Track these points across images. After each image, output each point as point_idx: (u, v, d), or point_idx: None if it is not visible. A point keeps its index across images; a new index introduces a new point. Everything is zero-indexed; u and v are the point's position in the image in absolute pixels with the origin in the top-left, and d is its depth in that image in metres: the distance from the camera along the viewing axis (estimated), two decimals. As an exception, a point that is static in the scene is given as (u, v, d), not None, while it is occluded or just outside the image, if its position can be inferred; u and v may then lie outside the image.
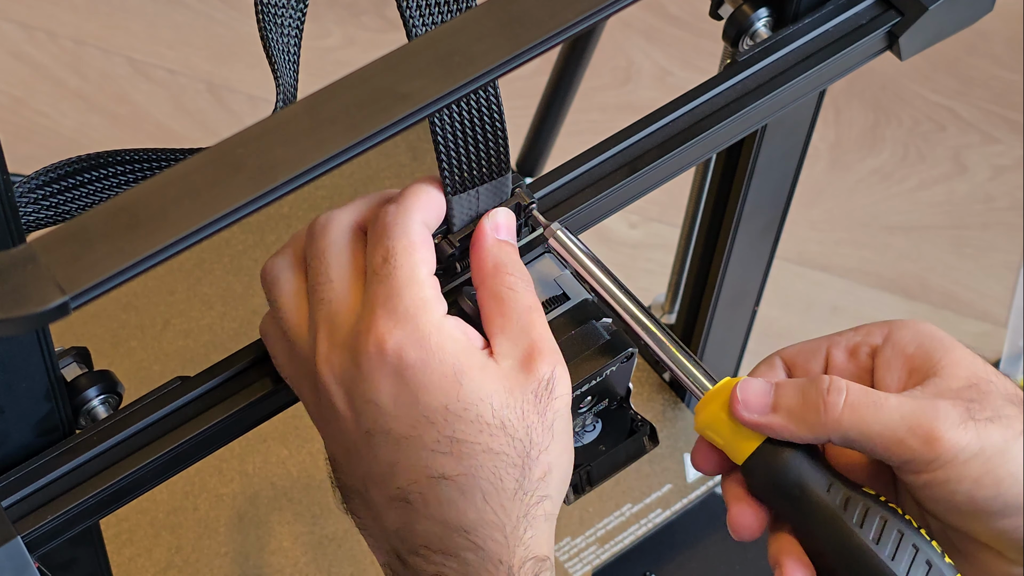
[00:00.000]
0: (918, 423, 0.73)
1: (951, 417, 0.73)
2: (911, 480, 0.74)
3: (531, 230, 0.80)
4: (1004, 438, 0.74)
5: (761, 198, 1.04)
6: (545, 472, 0.74)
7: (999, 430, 0.74)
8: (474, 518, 0.72)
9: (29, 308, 0.58)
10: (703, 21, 1.79)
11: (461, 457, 0.72)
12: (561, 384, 0.74)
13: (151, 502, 1.17)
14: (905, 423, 0.74)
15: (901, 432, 0.73)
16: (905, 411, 0.74)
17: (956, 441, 0.73)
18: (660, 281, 1.30)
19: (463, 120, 0.75)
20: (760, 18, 0.89)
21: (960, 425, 0.73)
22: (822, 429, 0.74)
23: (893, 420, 0.74)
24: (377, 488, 0.74)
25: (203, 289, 1.27)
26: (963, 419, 0.74)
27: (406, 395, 0.72)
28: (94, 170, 0.79)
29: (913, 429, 0.73)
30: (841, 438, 0.74)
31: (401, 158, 1.35)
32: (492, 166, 0.77)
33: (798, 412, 0.75)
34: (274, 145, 0.63)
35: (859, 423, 0.74)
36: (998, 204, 1.72)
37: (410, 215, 0.74)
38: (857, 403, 0.74)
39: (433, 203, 0.76)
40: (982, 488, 0.73)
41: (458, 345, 0.72)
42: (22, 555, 0.73)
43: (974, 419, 0.74)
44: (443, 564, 0.73)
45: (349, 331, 0.73)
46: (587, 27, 0.66)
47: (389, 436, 0.73)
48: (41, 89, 1.75)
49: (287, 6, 0.77)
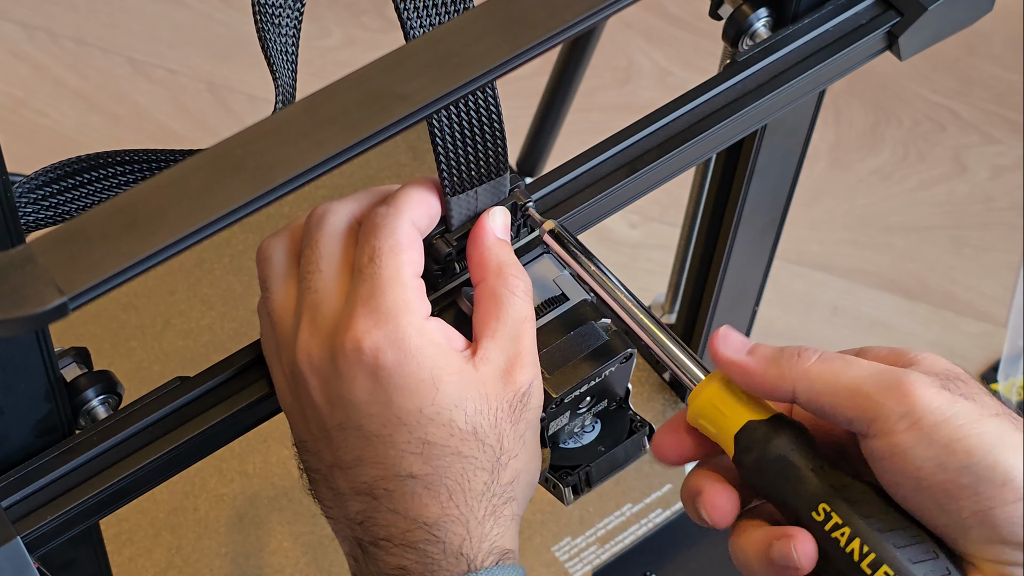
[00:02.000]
0: (888, 377, 0.71)
1: (923, 379, 0.71)
2: (879, 448, 0.71)
3: (530, 231, 0.80)
4: (979, 412, 0.71)
5: (761, 198, 1.04)
6: (514, 477, 0.75)
7: (974, 406, 0.71)
8: (437, 512, 0.73)
9: (28, 309, 0.58)
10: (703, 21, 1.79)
11: (430, 458, 0.73)
12: (536, 396, 0.75)
13: (151, 502, 1.17)
14: (874, 379, 0.72)
15: (869, 386, 0.71)
16: (875, 368, 0.72)
17: (927, 398, 0.70)
18: (660, 281, 1.30)
19: (462, 121, 0.75)
20: (760, 18, 0.89)
21: (933, 387, 0.71)
22: (791, 376, 0.73)
23: (862, 373, 0.72)
24: (343, 478, 0.75)
25: (203, 289, 1.27)
26: (937, 385, 0.71)
27: (381, 395, 0.73)
28: (94, 170, 0.79)
29: (882, 382, 0.71)
30: (808, 388, 0.73)
31: (401, 158, 1.35)
32: (491, 166, 0.77)
33: (772, 358, 0.74)
34: (273, 146, 0.63)
35: (828, 373, 0.72)
36: (998, 204, 1.72)
37: (400, 215, 0.75)
38: (829, 357, 0.73)
39: (425, 204, 0.76)
40: (953, 456, 0.70)
41: (438, 349, 0.73)
42: (22, 555, 0.73)
43: (949, 390, 0.71)
44: (403, 556, 0.74)
45: (330, 324, 0.74)
46: (587, 27, 0.66)
47: (360, 432, 0.73)
48: (41, 89, 1.75)
49: (284, 6, 0.77)
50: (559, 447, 0.81)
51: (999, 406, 0.72)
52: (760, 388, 0.74)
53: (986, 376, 1.60)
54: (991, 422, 0.70)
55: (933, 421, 0.70)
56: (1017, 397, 1.57)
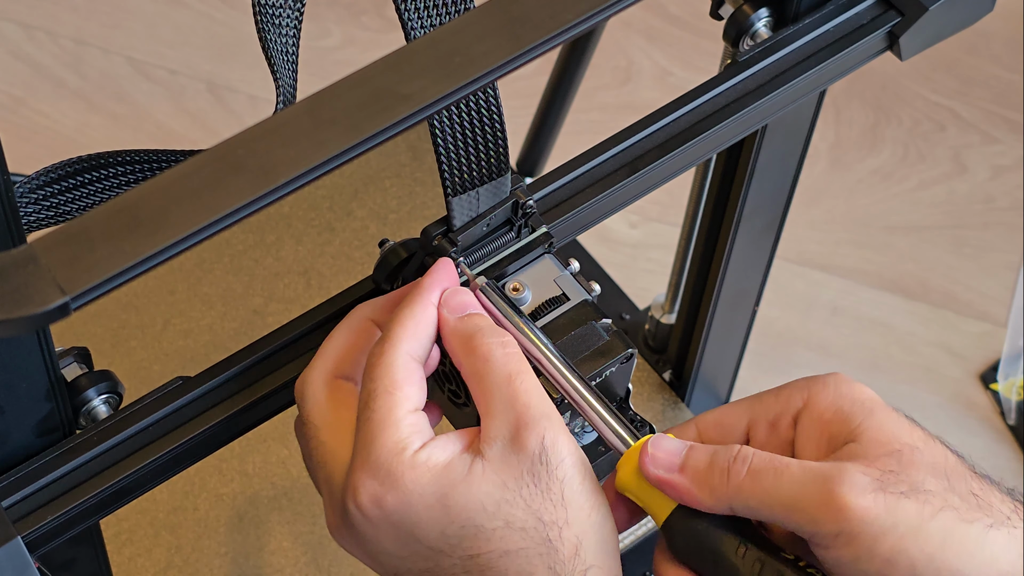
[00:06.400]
0: (820, 490, 0.68)
1: (858, 483, 0.68)
2: (823, 556, 0.69)
3: (531, 231, 0.81)
4: (920, 516, 0.68)
5: (761, 198, 1.04)
6: (576, 546, 0.70)
7: (915, 506, 0.68)
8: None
9: (30, 309, 0.58)
10: (703, 21, 1.79)
11: (483, 570, 0.70)
12: (557, 450, 0.70)
13: (151, 502, 1.17)
14: (806, 491, 0.69)
15: (803, 501, 0.68)
16: (808, 478, 0.69)
17: (863, 510, 0.67)
18: (660, 281, 1.30)
19: (463, 121, 0.75)
20: (760, 18, 0.89)
21: (869, 493, 0.68)
22: (724, 496, 0.70)
23: (793, 487, 0.69)
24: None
25: (203, 289, 1.27)
26: (872, 488, 0.68)
27: (405, 536, 0.71)
28: (94, 170, 0.79)
29: (815, 497, 0.68)
30: (744, 507, 0.70)
31: (401, 158, 1.35)
32: (491, 167, 0.77)
33: (703, 476, 0.71)
34: (275, 146, 0.63)
35: (759, 491, 0.70)
36: (998, 204, 1.72)
37: (395, 350, 0.72)
38: (759, 470, 0.70)
39: (422, 328, 0.74)
40: (895, 569, 0.68)
41: (434, 471, 0.70)
42: (22, 555, 0.73)
43: (886, 491, 0.68)
44: None
45: (339, 488, 0.73)
46: (588, 28, 0.67)
47: (412, 573, 0.72)
48: (41, 89, 1.75)
49: (284, 6, 0.77)
50: (560, 447, 0.80)
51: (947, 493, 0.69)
52: (696, 506, 0.72)
53: (986, 376, 1.60)
54: (934, 524, 0.68)
55: (872, 535, 0.68)
56: (1017, 397, 1.57)
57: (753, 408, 0.76)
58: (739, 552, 0.71)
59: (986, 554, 0.68)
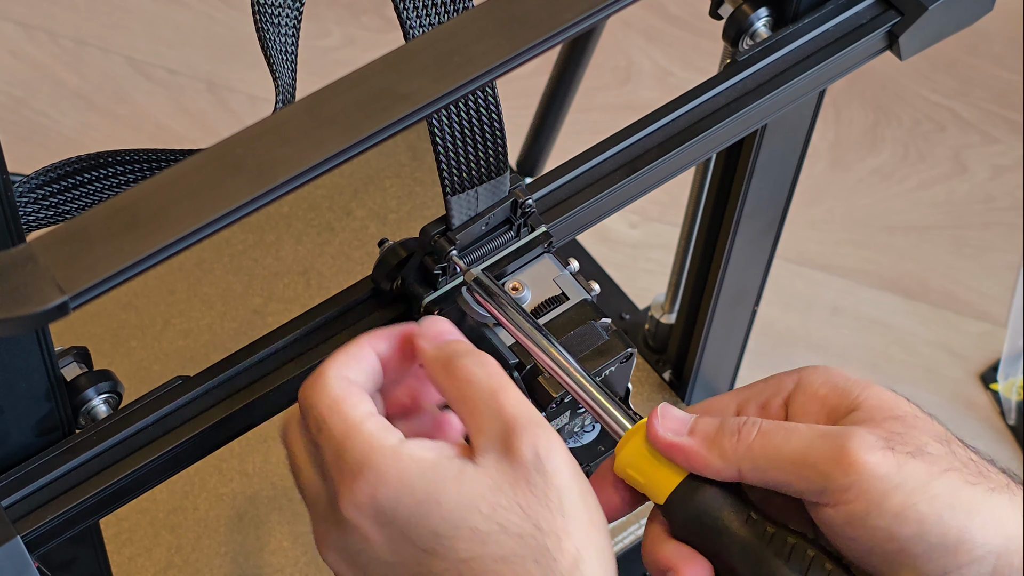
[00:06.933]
0: (831, 445, 0.69)
1: (867, 440, 0.69)
2: (830, 516, 0.70)
3: (530, 230, 0.81)
4: (928, 473, 0.69)
5: (761, 198, 1.04)
6: (576, 559, 0.68)
7: (922, 465, 0.69)
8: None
9: (29, 308, 0.58)
10: (703, 21, 1.79)
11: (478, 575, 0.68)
12: (552, 458, 0.68)
13: (151, 502, 1.17)
14: (817, 446, 0.69)
15: (813, 456, 0.69)
16: (817, 434, 0.70)
17: (873, 465, 0.69)
18: (660, 281, 1.30)
19: (462, 120, 0.75)
20: (760, 18, 0.89)
21: (878, 450, 0.69)
22: (734, 457, 0.71)
23: (803, 444, 0.70)
24: None
25: (203, 289, 1.27)
26: (881, 446, 0.69)
27: (397, 537, 0.69)
28: (94, 170, 0.79)
29: (826, 452, 0.69)
30: (753, 467, 0.71)
31: (401, 158, 1.35)
32: (491, 166, 0.77)
33: (713, 437, 0.71)
34: (274, 145, 0.63)
35: (771, 448, 0.70)
36: (998, 204, 1.72)
37: (322, 378, 0.71)
38: (769, 430, 0.71)
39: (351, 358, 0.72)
40: (904, 525, 0.68)
41: (424, 464, 0.68)
42: (22, 555, 0.73)
43: (894, 450, 0.69)
44: None
45: (325, 506, 0.71)
46: (587, 27, 0.66)
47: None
48: (41, 89, 1.75)
49: (284, 6, 0.77)
50: (559, 447, 0.80)
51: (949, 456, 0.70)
52: (704, 471, 0.72)
53: (986, 376, 1.60)
54: (941, 482, 0.69)
55: (882, 489, 0.69)
56: (1017, 397, 1.57)
57: (741, 394, 0.77)
58: (748, 521, 0.71)
59: (991, 515, 0.69)
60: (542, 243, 0.80)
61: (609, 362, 0.78)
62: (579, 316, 0.79)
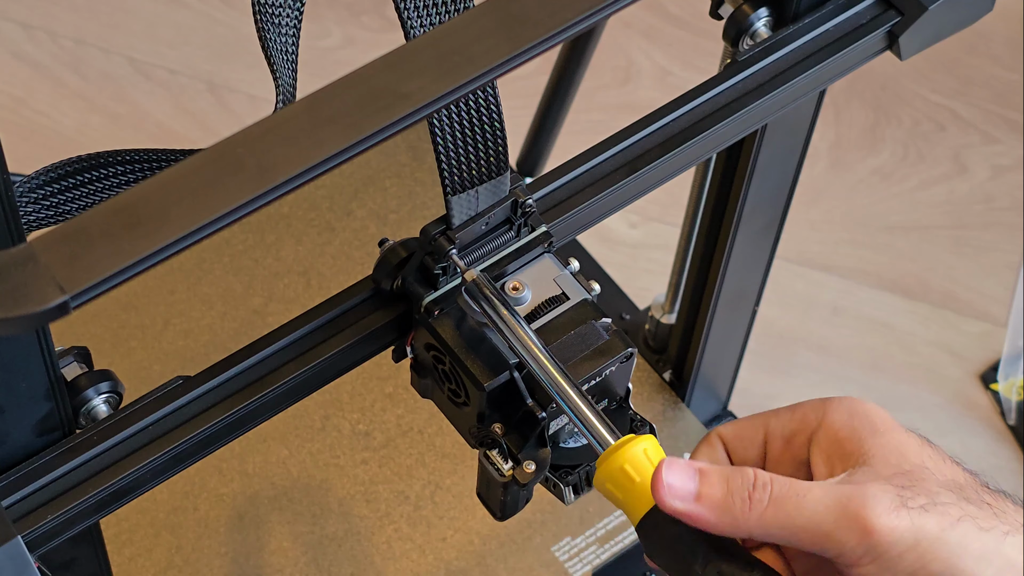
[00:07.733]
0: (846, 512, 0.69)
1: (882, 503, 0.69)
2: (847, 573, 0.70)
3: (531, 230, 0.81)
4: (940, 526, 0.69)
5: (761, 198, 1.04)
6: None
7: (934, 519, 0.69)
8: None
9: (29, 307, 0.58)
10: (703, 21, 1.79)
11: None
12: None
13: (151, 502, 1.17)
14: (832, 514, 0.69)
15: (828, 524, 0.69)
16: (831, 501, 0.70)
17: (889, 530, 0.69)
18: (660, 281, 1.30)
19: (462, 120, 0.75)
20: (760, 18, 0.89)
21: (893, 512, 0.69)
22: (745, 525, 0.70)
23: (818, 512, 0.70)
24: None
25: (203, 289, 1.27)
26: (895, 506, 0.69)
27: None
28: (94, 170, 0.79)
29: (841, 520, 0.69)
30: (766, 535, 0.71)
31: (401, 158, 1.35)
32: (491, 166, 0.77)
33: (722, 505, 0.71)
34: (274, 144, 0.63)
35: (783, 517, 0.70)
36: (998, 204, 1.72)
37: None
38: (781, 497, 0.70)
39: None
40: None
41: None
42: (22, 555, 0.73)
43: (907, 507, 0.69)
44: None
45: None
46: (587, 27, 0.67)
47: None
48: (41, 89, 1.75)
49: (284, 6, 0.77)
50: (559, 447, 0.80)
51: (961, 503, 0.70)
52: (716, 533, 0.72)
53: (986, 376, 1.60)
54: (954, 534, 0.69)
55: (897, 553, 0.69)
56: (1017, 397, 1.57)
57: (769, 422, 0.77)
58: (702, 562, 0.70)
59: (1003, 559, 0.70)
60: (542, 243, 0.80)
61: (609, 362, 0.78)
62: (579, 316, 0.79)
